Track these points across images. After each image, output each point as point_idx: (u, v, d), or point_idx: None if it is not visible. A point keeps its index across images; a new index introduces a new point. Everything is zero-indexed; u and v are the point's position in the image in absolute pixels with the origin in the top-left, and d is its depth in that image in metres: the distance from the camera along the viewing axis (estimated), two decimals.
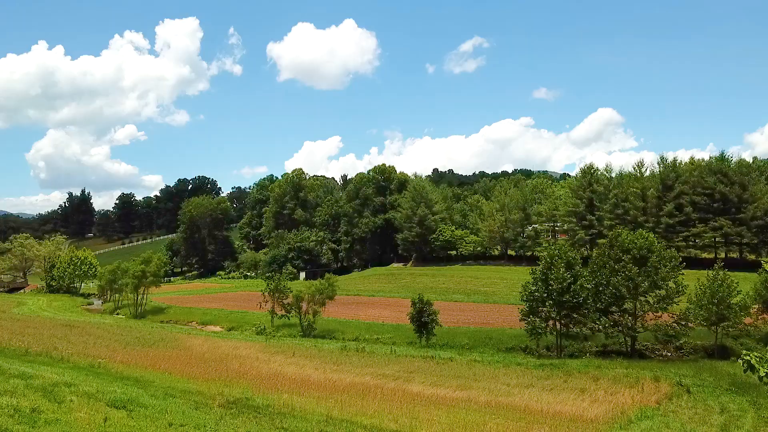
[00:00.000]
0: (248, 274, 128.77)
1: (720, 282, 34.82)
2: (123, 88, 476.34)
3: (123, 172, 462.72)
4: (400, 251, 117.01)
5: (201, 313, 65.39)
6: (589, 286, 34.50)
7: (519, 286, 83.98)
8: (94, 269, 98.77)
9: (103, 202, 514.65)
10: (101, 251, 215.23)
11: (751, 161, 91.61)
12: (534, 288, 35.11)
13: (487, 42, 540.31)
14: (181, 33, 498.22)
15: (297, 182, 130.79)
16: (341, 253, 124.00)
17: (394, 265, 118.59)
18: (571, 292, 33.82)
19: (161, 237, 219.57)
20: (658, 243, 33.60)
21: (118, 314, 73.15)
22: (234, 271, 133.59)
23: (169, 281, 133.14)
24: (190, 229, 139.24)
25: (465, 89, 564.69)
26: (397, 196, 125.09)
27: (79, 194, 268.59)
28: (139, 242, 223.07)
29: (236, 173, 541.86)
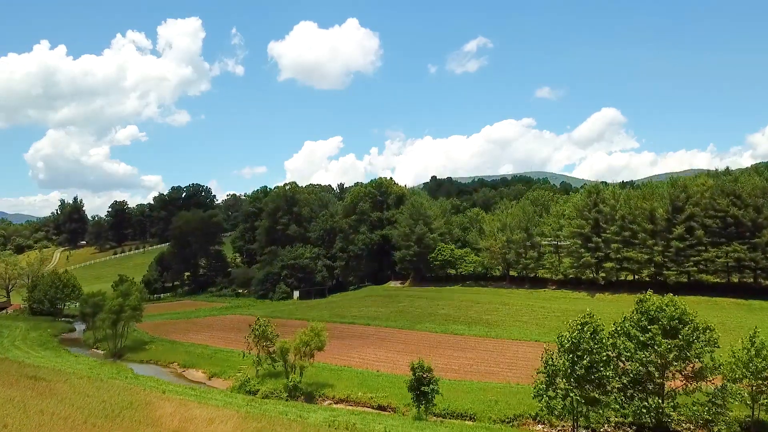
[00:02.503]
0: (240, 291, 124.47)
1: (757, 350, 30.63)
2: (124, 88, 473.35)
3: (122, 172, 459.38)
4: (397, 269, 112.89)
5: (184, 351, 61.11)
6: (612, 355, 30.21)
7: (521, 313, 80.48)
8: (77, 292, 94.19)
9: (102, 202, 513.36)
10: (92, 261, 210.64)
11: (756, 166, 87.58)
12: (560, 362, 30.15)
13: (491, 42, 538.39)
14: (183, 33, 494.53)
15: (291, 196, 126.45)
16: (337, 270, 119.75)
17: (392, 283, 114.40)
18: (593, 370, 29.45)
19: (154, 246, 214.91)
20: (692, 313, 29.28)
21: (97, 348, 68.93)
22: (226, 288, 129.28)
23: (159, 299, 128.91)
24: (180, 243, 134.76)
25: (467, 90, 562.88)
26: (394, 211, 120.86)
27: (71, 201, 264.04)
28: (132, 252, 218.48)
29: (236, 173, 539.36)
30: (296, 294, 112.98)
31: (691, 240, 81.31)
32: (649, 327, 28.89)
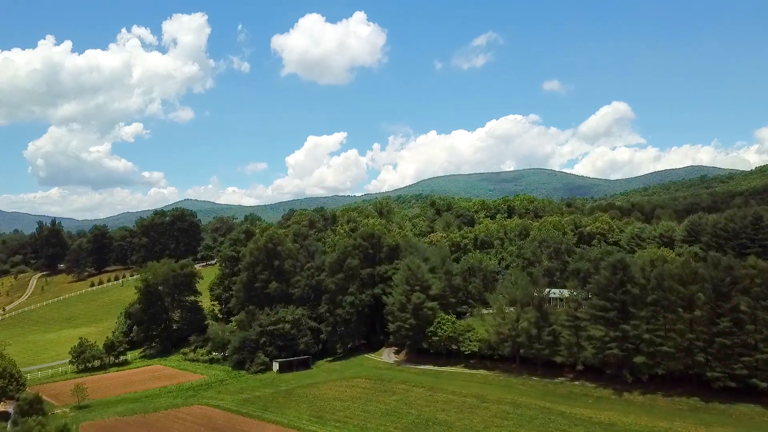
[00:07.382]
0: (215, 355, 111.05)
1: None
2: (129, 85, 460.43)
3: (123, 169, 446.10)
4: (391, 339, 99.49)
5: None
6: None
7: (536, 424, 66.77)
8: (15, 383, 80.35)
9: (102, 198, 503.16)
10: (67, 296, 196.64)
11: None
12: None
13: (501, 38, 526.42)
14: (188, 29, 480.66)
15: (272, 248, 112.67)
16: (323, 335, 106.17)
17: (385, 354, 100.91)
18: None
19: (134, 276, 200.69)
20: None
21: None
22: (201, 348, 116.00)
23: (126, 362, 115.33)
24: (148, 299, 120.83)
25: (472, 85, 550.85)
26: (387, 266, 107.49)
27: (49, 224, 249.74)
28: (110, 283, 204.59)
29: (240, 170, 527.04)
30: (276, 366, 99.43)
31: (740, 334, 68.03)
32: None
